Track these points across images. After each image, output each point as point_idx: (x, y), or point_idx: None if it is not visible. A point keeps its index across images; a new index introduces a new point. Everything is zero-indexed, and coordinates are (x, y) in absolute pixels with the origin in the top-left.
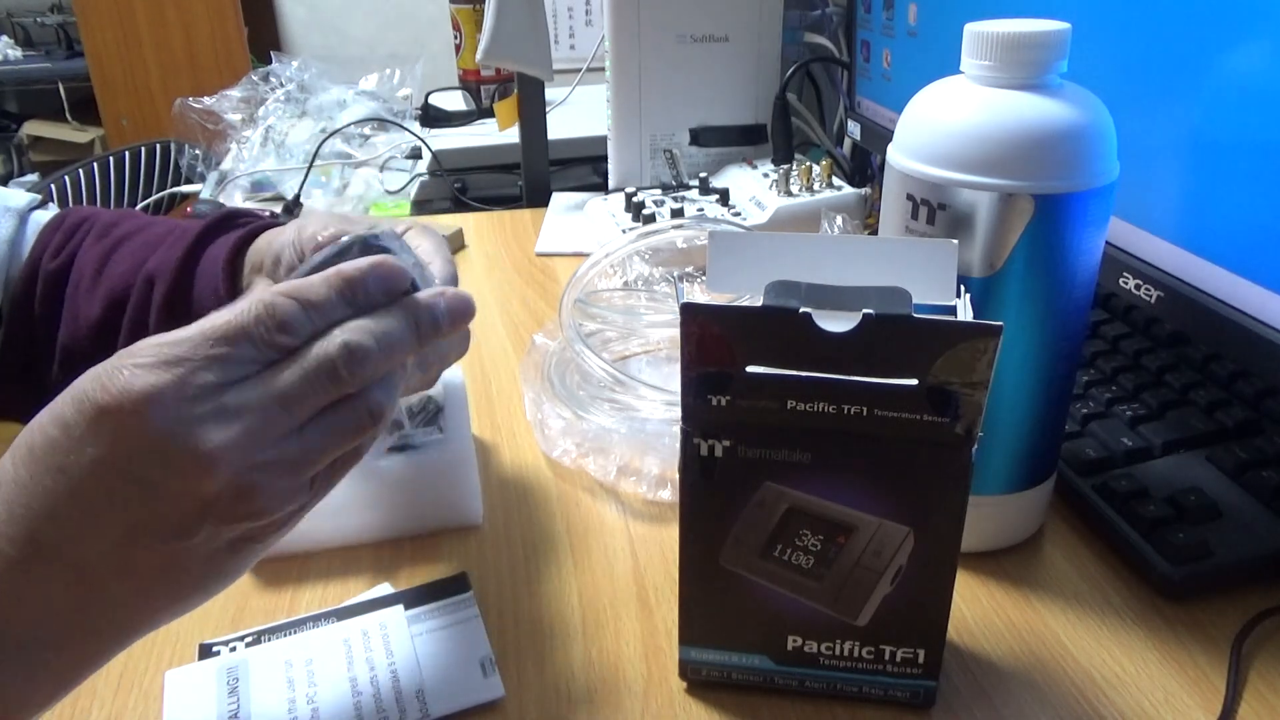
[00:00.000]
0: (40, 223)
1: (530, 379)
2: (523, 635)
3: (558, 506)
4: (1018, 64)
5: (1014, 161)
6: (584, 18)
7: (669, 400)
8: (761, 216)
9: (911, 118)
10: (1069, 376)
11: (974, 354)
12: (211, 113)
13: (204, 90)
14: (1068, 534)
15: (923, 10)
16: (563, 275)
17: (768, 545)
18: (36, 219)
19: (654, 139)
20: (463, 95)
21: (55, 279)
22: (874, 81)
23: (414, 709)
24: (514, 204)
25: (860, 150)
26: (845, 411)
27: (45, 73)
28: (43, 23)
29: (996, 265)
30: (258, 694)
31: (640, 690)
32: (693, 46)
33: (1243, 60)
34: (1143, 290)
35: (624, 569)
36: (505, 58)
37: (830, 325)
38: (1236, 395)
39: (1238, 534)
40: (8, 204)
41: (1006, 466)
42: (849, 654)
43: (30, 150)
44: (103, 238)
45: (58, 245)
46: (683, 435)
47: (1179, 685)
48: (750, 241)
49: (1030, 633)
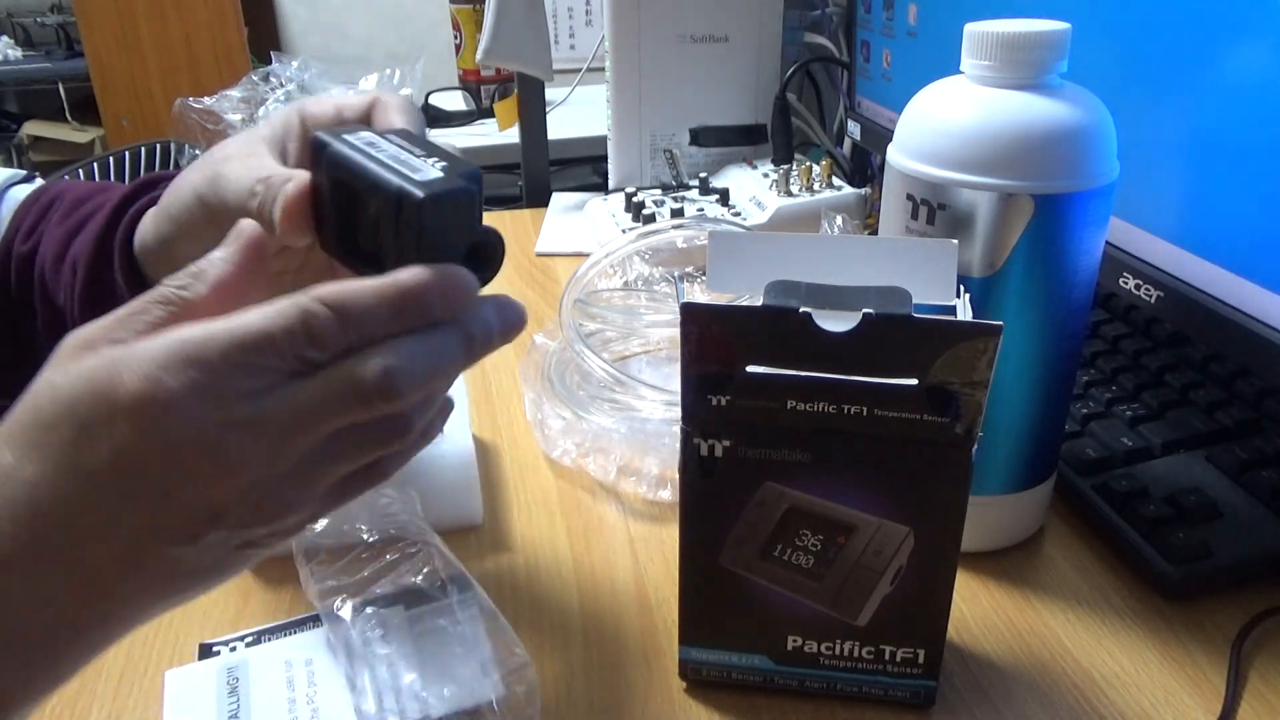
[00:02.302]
0: (18, 200)
1: (530, 379)
2: (523, 635)
3: (558, 506)
4: (1018, 64)
5: (1014, 161)
6: (584, 18)
7: (669, 400)
8: (761, 216)
9: (911, 118)
10: (1069, 376)
11: (974, 354)
12: (211, 113)
13: (204, 90)
14: (1068, 534)
15: (923, 10)
16: (563, 275)
17: (768, 545)
18: (14, 196)
19: (654, 139)
20: (463, 95)
21: (26, 263)
22: (874, 81)
23: (414, 709)
24: (514, 204)
25: (860, 150)
26: (845, 411)
27: (45, 73)
28: (43, 23)
29: (996, 265)
30: (258, 694)
31: (640, 690)
32: (693, 46)
33: (1242, 60)
34: (1143, 290)
35: (624, 569)
36: (505, 58)
37: (830, 325)
38: (1236, 395)
39: (1238, 534)
40: None
41: (1006, 466)
42: (849, 654)
43: (30, 150)
44: (68, 216)
45: (30, 226)
46: (683, 435)
47: (1179, 685)
48: (750, 241)
49: (1030, 633)
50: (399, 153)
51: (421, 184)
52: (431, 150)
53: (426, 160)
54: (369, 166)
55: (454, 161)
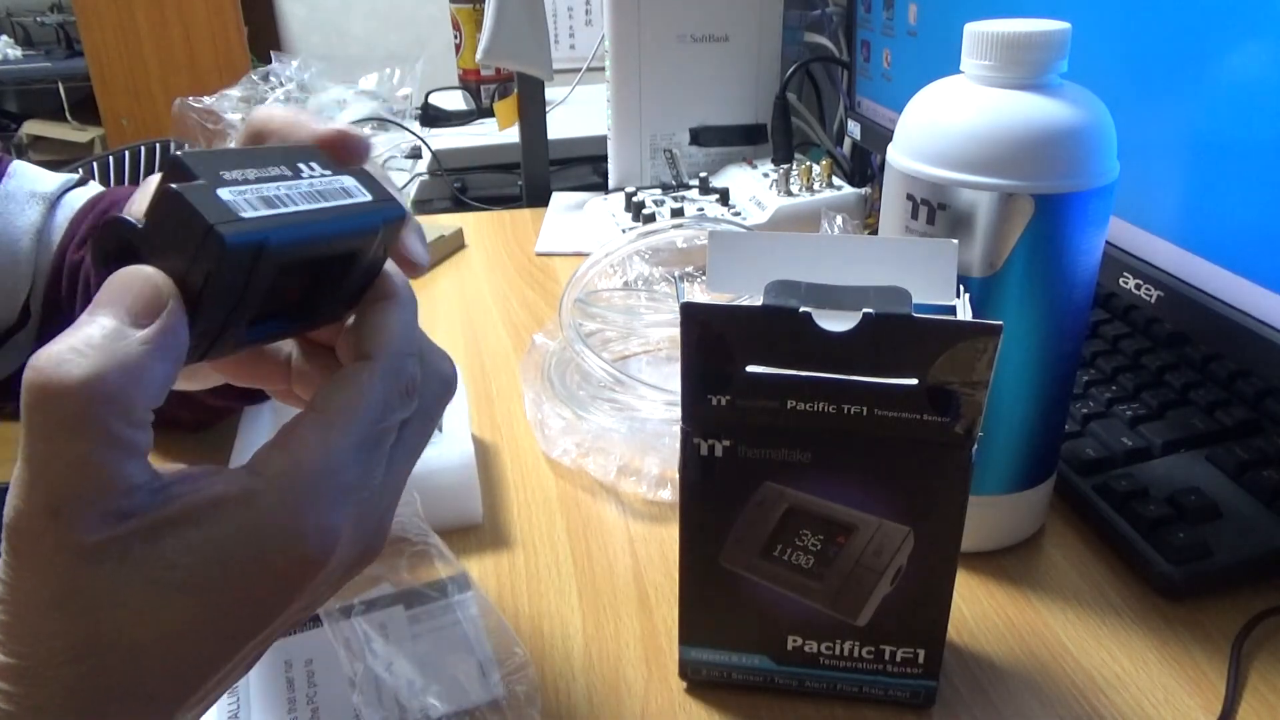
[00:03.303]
0: (74, 207)
1: (530, 379)
2: (523, 635)
3: (558, 506)
4: (1018, 64)
5: (1014, 161)
6: (584, 18)
7: (669, 400)
8: (761, 216)
9: (911, 118)
10: (1069, 376)
11: (974, 353)
12: (211, 112)
13: (204, 90)
14: (1068, 534)
15: (923, 10)
16: (563, 275)
17: (768, 545)
18: (70, 202)
19: (654, 139)
20: (463, 95)
21: (76, 271)
22: (874, 81)
23: (414, 709)
24: (514, 204)
25: (860, 150)
26: (845, 411)
27: (45, 72)
28: (43, 22)
29: (996, 265)
30: (258, 694)
31: (640, 690)
32: (693, 46)
33: (1243, 60)
34: (1143, 290)
35: (624, 569)
36: (505, 57)
37: (830, 325)
38: (1236, 395)
39: (1238, 534)
40: (35, 188)
41: (1006, 466)
42: (849, 654)
43: (30, 150)
44: None
45: (84, 234)
46: (683, 435)
47: (1179, 685)
48: (750, 241)
49: (1030, 633)
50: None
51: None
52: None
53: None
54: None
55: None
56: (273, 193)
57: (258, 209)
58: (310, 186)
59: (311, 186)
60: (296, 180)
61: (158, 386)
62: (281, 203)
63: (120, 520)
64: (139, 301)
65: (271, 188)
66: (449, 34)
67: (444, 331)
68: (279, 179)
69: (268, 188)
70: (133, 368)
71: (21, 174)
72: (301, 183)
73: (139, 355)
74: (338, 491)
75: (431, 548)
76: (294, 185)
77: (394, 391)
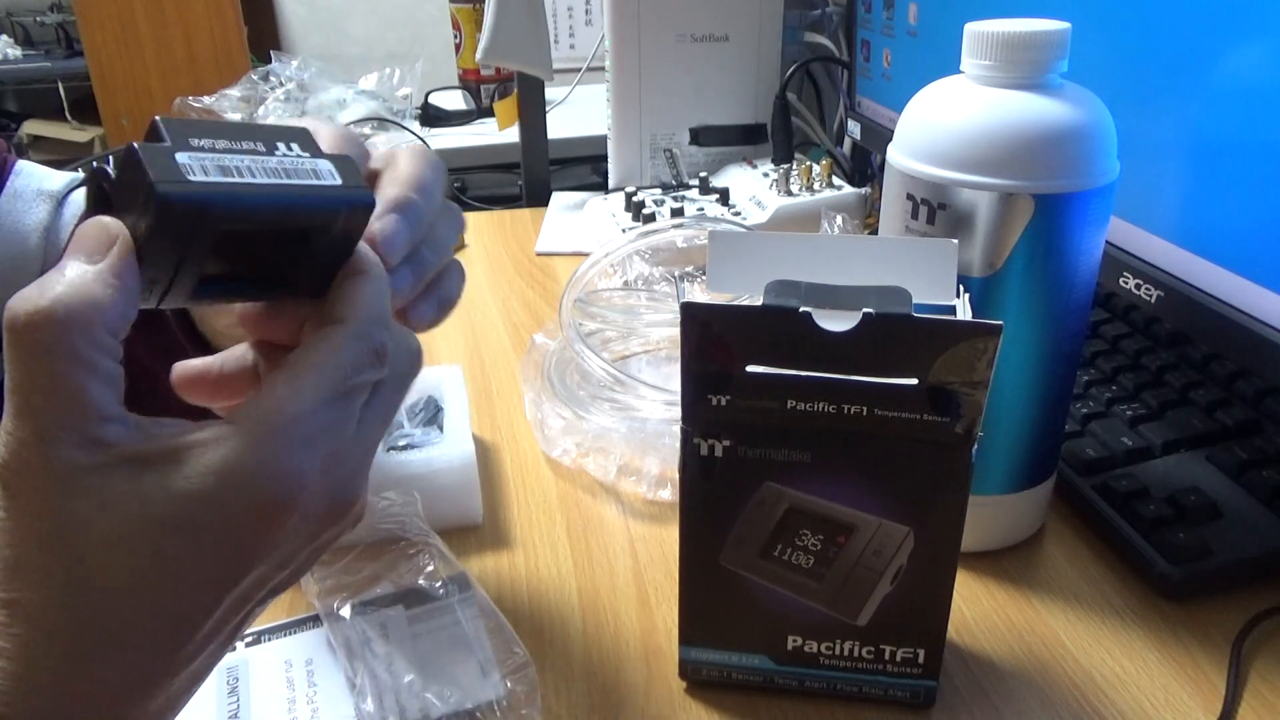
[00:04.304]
0: (81, 205)
1: (530, 379)
2: (523, 635)
3: (558, 506)
4: (1018, 64)
5: (1014, 161)
6: (584, 18)
7: (669, 400)
8: (761, 216)
9: (911, 117)
10: (1069, 376)
11: (974, 353)
12: (211, 112)
13: (204, 90)
14: (1068, 534)
15: (923, 10)
16: (563, 275)
17: (768, 545)
18: (77, 200)
19: (654, 139)
20: (463, 95)
21: None
22: (874, 81)
23: (414, 709)
24: (514, 203)
25: (860, 150)
26: (845, 411)
27: (45, 72)
28: (42, 22)
29: (996, 265)
30: (258, 694)
31: (640, 690)
32: (693, 46)
33: (1243, 60)
34: (1143, 290)
35: (624, 569)
36: (505, 57)
37: (830, 325)
38: (1236, 395)
39: (1238, 534)
40: (42, 186)
41: (1006, 466)
42: (849, 654)
43: (30, 150)
44: None
45: None
46: (683, 435)
47: (1179, 685)
48: (750, 241)
49: (1030, 633)
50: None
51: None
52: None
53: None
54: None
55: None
56: (233, 163)
57: (209, 175)
58: (279, 164)
59: (280, 164)
60: (267, 157)
61: (116, 314)
62: (239, 173)
63: (100, 447)
64: (93, 243)
65: (235, 159)
66: (449, 34)
67: (444, 331)
68: (249, 153)
69: (230, 158)
70: (87, 293)
71: (28, 172)
72: (270, 159)
73: (92, 282)
74: (305, 437)
75: (431, 548)
76: (262, 160)
77: (363, 352)
